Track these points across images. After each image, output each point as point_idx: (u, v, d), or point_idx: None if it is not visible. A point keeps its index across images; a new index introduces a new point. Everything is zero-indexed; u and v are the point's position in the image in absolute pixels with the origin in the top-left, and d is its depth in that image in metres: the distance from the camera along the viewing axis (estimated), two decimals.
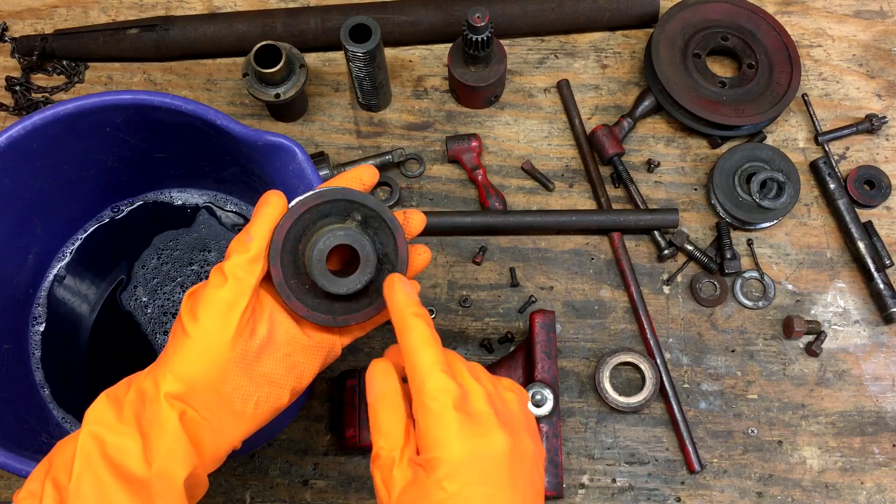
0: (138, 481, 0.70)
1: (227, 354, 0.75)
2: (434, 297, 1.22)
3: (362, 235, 0.79)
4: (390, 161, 1.26)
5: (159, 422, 0.72)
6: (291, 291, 0.79)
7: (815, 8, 1.36)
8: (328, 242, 0.78)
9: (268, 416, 0.79)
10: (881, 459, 1.15)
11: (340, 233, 0.78)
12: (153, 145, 1.06)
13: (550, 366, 1.10)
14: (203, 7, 1.38)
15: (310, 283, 0.80)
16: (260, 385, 0.77)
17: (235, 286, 0.76)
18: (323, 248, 0.78)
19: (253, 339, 0.77)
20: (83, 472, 0.69)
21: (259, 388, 0.77)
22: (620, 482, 1.14)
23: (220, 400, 0.75)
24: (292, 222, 0.79)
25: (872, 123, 1.27)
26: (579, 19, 1.32)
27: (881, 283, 1.19)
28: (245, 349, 0.76)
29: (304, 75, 1.22)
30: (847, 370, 1.18)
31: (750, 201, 1.22)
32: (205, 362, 0.74)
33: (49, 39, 1.32)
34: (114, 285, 1.16)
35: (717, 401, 1.17)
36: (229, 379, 0.75)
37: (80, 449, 0.70)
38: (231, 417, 0.76)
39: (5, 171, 0.98)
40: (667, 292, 1.22)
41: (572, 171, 1.28)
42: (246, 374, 0.76)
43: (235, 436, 0.77)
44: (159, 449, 0.71)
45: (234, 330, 0.75)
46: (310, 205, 0.79)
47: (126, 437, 0.71)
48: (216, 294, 0.75)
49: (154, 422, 0.72)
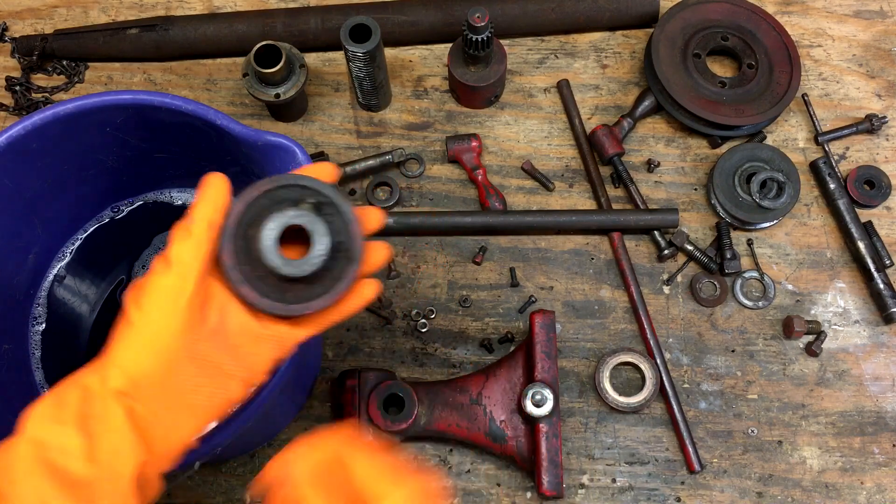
0: (80, 483, 0.67)
1: (175, 344, 0.71)
2: (434, 297, 1.22)
3: (316, 218, 0.77)
4: (390, 161, 1.26)
5: (105, 419, 0.69)
6: (244, 277, 0.75)
7: (815, 8, 1.36)
8: (280, 222, 0.75)
9: (222, 410, 0.75)
10: (881, 459, 1.15)
11: (292, 213, 0.76)
12: (153, 145, 1.06)
13: (550, 366, 1.10)
14: (203, 7, 1.38)
15: (263, 271, 0.76)
16: (211, 376, 0.74)
17: (180, 272, 0.72)
18: (274, 226, 0.75)
19: (202, 328, 0.73)
20: (23, 478, 0.66)
21: (210, 379, 0.73)
22: (620, 482, 1.14)
23: (169, 393, 0.72)
24: (244, 207, 0.76)
25: (872, 123, 1.27)
26: (579, 19, 1.32)
27: (881, 283, 1.19)
28: (194, 338, 0.72)
29: (304, 75, 1.22)
30: (847, 370, 1.18)
31: (750, 201, 1.22)
32: (152, 353, 0.71)
33: (49, 39, 1.32)
34: (114, 285, 1.16)
35: (717, 401, 1.17)
36: (178, 370, 0.72)
37: (19, 454, 0.67)
38: (182, 411, 0.73)
39: (5, 171, 0.98)
40: (667, 292, 1.22)
41: (572, 171, 1.28)
42: (196, 364, 0.73)
43: (188, 431, 0.73)
44: (104, 448, 0.68)
45: (182, 318, 0.71)
46: (263, 189, 0.77)
47: (68, 438, 0.68)
48: (161, 281, 0.72)
49: (99, 419, 0.69)
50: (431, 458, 1.15)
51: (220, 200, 0.76)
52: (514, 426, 1.11)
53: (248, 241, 0.76)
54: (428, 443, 1.16)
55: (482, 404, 1.12)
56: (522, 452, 1.10)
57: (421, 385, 1.13)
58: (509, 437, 1.11)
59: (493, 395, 1.12)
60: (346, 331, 1.20)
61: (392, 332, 1.21)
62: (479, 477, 1.15)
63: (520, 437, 1.10)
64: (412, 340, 1.20)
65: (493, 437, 1.11)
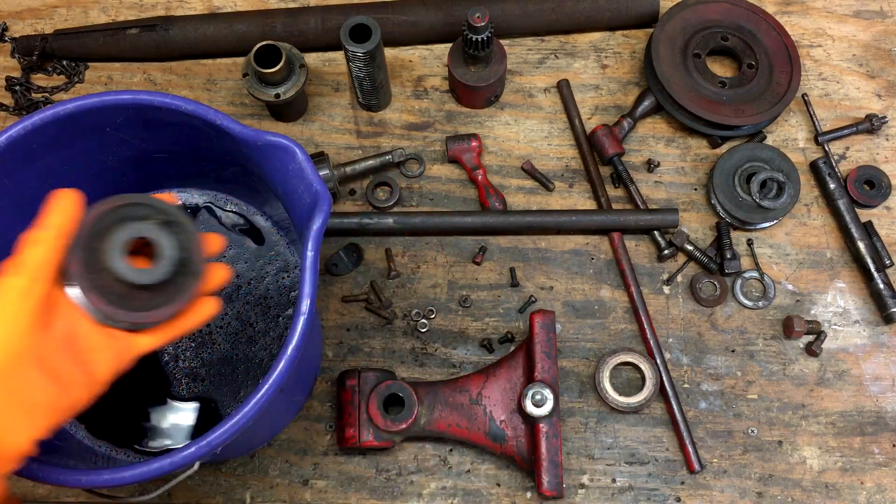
0: None
1: (19, 345, 0.72)
2: (434, 297, 1.22)
3: (162, 233, 0.81)
4: (390, 161, 1.26)
5: None
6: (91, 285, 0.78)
7: (815, 8, 1.36)
8: (128, 232, 0.79)
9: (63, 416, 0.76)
10: (881, 459, 1.15)
11: (139, 226, 0.80)
12: (153, 145, 1.06)
13: (550, 366, 1.10)
14: (203, 7, 1.38)
15: (110, 280, 0.79)
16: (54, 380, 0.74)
17: (30, 275, 0.74)
18: (123, 236, 0.79)
19: (48, 333, 0.74)
20: None
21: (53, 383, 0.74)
22: (620, 482, 1.14)
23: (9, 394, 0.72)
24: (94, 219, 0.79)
25: (872, 123, 1.27)
26: (579, 19, 1.32)
27: (881, 283, 1.19)
28: (39, 341, 0.73)
29: (304, 75, 1.22)
30: (847, 370, 1.18)
31: (750, 201, 1.22)
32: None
33: (49, 39, 1.32)
34: None
35: (717, 401, 1.17)
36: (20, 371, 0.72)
37: None
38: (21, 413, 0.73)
39: (5, 171, 0.98)
40: (667, 292, 1.22)
41: (572, 171, 1.28)
42: (39, 367, 0.73)
43: (27, 434, 0.73)
44: None
45: (28, 320, 0.72)
46: (113, 204, 0.80)
47: None
48: (10, 282, 0.73)
49: None
50: (431, 458, 1.15)
51: (71, 212, 0.78)
52: (514, 426, 1.11)
53: (97, 252, 0.79)
54: (428, 443, 1.16)
55: (482, 404, 1.12)
56: (522, 452, 1.10)
57: (421, 385, 1.13)
58: (509, 437, 1.11)
59: (493, 395, 1.12)
60: (346, 331, 1.20)
61: (392, 332, 1.21)
62: (479, 477, 1.15)
63: (520, 437, 1.10)
64: (412, 340, 1.20)
65: (493, 437, 1.11)
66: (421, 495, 1.14)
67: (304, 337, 0.87)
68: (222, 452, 0.90)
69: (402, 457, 1.16)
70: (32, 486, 1.14)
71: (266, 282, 1.16)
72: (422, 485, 1.14)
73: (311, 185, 0.94)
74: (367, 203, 1.27)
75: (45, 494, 1.14)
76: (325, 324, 1.21)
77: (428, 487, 1.14)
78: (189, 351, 1.13)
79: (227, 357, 1.13)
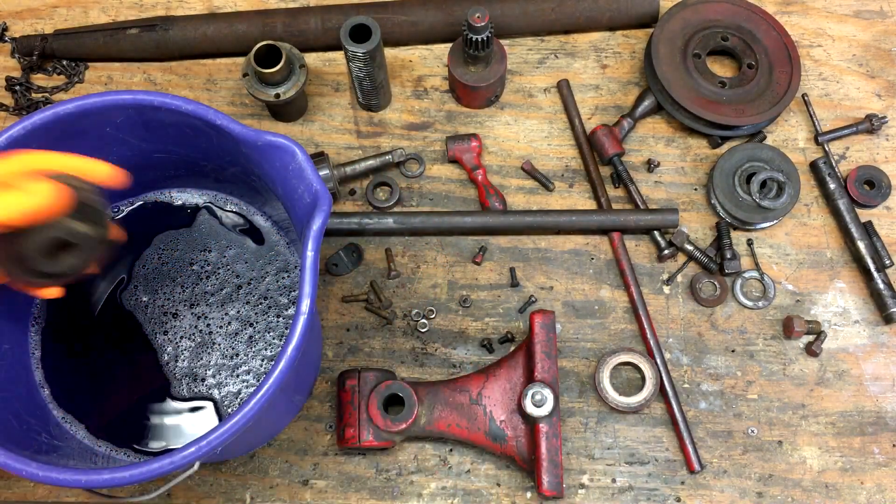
0: None
1: None
2: (434, 297, 1.22)
3: None
4: (390, 161, 1.26)
5: None
6: None
7: (815, 8, 1.36)
8: None
9: None
10: (881, 459, 1.15)
11: None
12: (153, 145, 1.06)
13: (550, 366, 1.10)
14: (203, 7, 1.38)
15: None
16: None
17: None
18: None
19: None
20: None
21: None
22: (620, 482, 1.14)
23: None
24: None
25: (872, 123, 1.27)
26: (579, 19, 1.32)
27: (881, 283, 1.19)
28: None
29: (304, 75, 1.22)
30: (847, 370, 1.18)
31: (750, 201, 1.22)
32: None
33: (49, 39, 1.32)
34: (114, 285, 1.16)
35: (717, 401, 1.17)
36: None
37: None
38: None
39: None
40: (667, 292, 1.22)
41: (572, 171, 1.28)
42: None
43: None
44: None
45: None
46: None
47: None
48: None
49: None
50: (431, 458, 1.15)
51: None
52: (514, 426, 1.11)
53: None
54: (428, 443, 1.16)
55: (482, 404, 1.12)
56: (522, 452, 1.10)
57: (421, 385, 1.13)
58: (509, 437, 1.11)
59: (493, 395, 1.12)
60: (346, 331, 1.20)
61: (392, 332, 1.21)
62: (479, 477, 1.15)
63: (520, 437, 1.10)
64: (412, 340, 1.20)
65: (493, 437, 1.11)
66: (421, 495, 1.14)
67: (304, 337, 0.88)
68: (222, 452, 0.90)
69: (402, 457, 1.16)
70: (32, 486, 1.14)
71: (266, 282, 1.16)
72: (422, 485, 1.14)
73: (311, 185, 0.94)
74: (367, 203, 1.27)
75: (45, 494, 1.14)
76: (325, 324, 1.21)
77: (428, 487, 1.14)
78: (189, 351, 1.13)
79: (227, 357, 1.13)
